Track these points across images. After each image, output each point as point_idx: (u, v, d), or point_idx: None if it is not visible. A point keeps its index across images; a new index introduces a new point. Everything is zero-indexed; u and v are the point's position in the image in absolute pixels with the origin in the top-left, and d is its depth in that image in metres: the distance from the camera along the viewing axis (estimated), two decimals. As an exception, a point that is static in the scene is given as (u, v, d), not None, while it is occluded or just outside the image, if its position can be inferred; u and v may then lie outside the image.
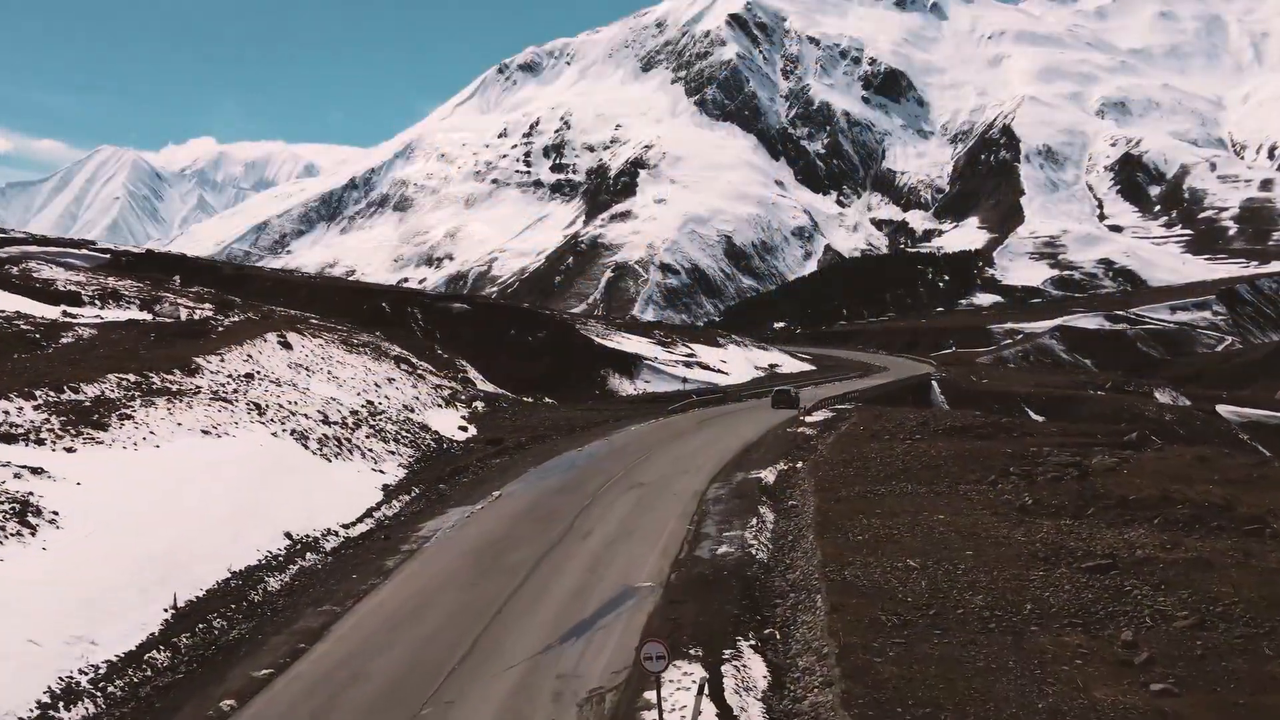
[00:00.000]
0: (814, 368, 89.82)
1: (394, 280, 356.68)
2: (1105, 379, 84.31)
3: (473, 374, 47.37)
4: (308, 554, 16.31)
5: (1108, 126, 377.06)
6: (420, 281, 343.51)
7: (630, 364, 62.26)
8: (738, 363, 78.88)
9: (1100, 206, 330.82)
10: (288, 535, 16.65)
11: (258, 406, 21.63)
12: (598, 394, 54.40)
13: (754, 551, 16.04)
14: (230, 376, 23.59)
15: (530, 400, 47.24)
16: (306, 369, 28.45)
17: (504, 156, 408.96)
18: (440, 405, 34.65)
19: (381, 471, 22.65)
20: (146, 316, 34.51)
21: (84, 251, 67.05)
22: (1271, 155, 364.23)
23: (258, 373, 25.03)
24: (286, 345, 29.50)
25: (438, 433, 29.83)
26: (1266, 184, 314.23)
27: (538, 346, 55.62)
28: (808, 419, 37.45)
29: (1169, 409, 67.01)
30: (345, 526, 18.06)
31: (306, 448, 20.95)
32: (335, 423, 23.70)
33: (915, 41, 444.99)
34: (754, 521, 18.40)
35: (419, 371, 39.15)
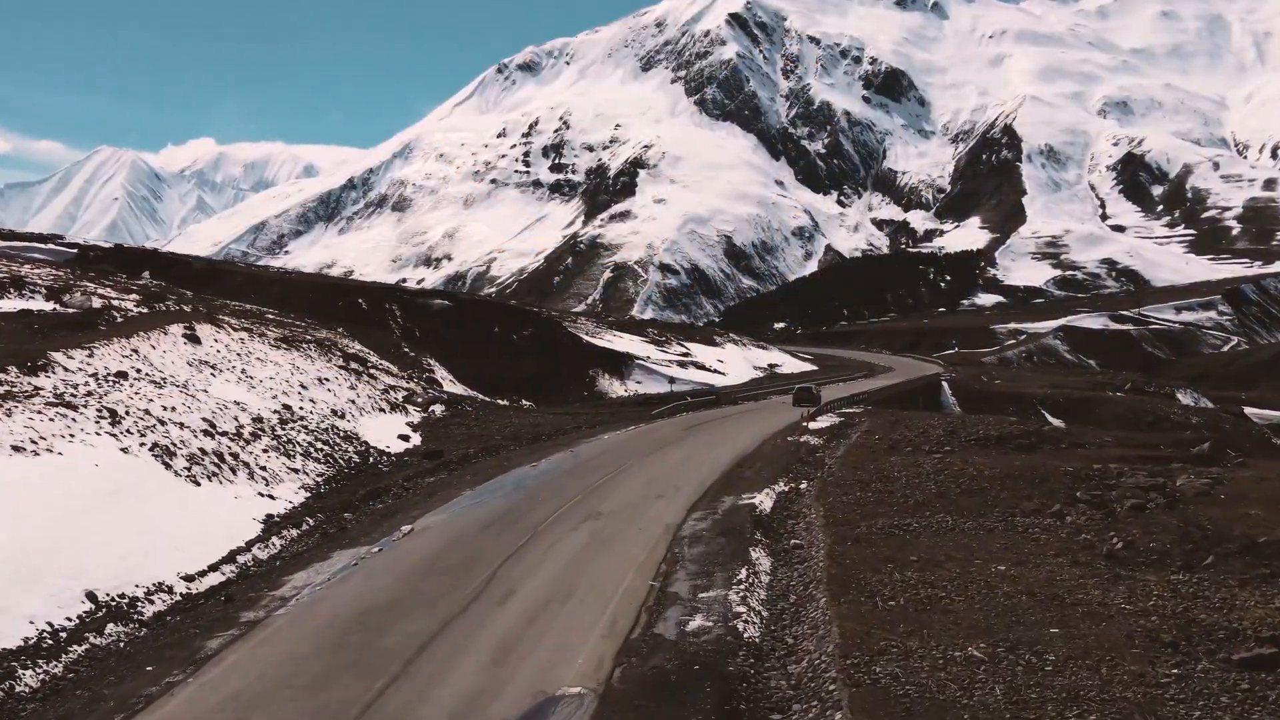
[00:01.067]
0: (816, 368, 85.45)
1: (392, 281, 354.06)
2: (1124, 379, 79.65)
3: (441, 374, 43.45)
4: (111, 625, 10.92)
5: (1110, 126, 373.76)
6: (419, 282, 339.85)
7: (621, 364, 58.82)
8: (735, 363, 75.12)
9: (1103, 206, 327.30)
10: (90, 596, 11.33)
11: (112, 414, 16.85)
12: (586, 395, 50.77)
13: (741, 626, 10.88)
14: (94, 376, 18.83)
15: (505, 403, 42.99)
16: (213, 367, 23.87)
17: (503, 156, 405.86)
18: (384, 410, 30.03)
19: (271, 496, 17.67)
20: (50, 307, 29.96)
21: (50, 246, 63.11)
22: (1275, 155, 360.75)
23: (137, 371, 20.26)
24: (193, 339, 24.72)
25: (367, 443, 25.26)
26: (1270, 184, 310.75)
27: (523, 345, 51.95)
28: (812, 425, 33.05)
29: (1194, 411, 62.73)
30: (188, 579, 12.87)
31: (169, 467, 16.08)
32: (224, 433, 18.71)
33: (916, 41, 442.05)
34: (743, 573, 13.20)
35: (371, 371, 34.49)
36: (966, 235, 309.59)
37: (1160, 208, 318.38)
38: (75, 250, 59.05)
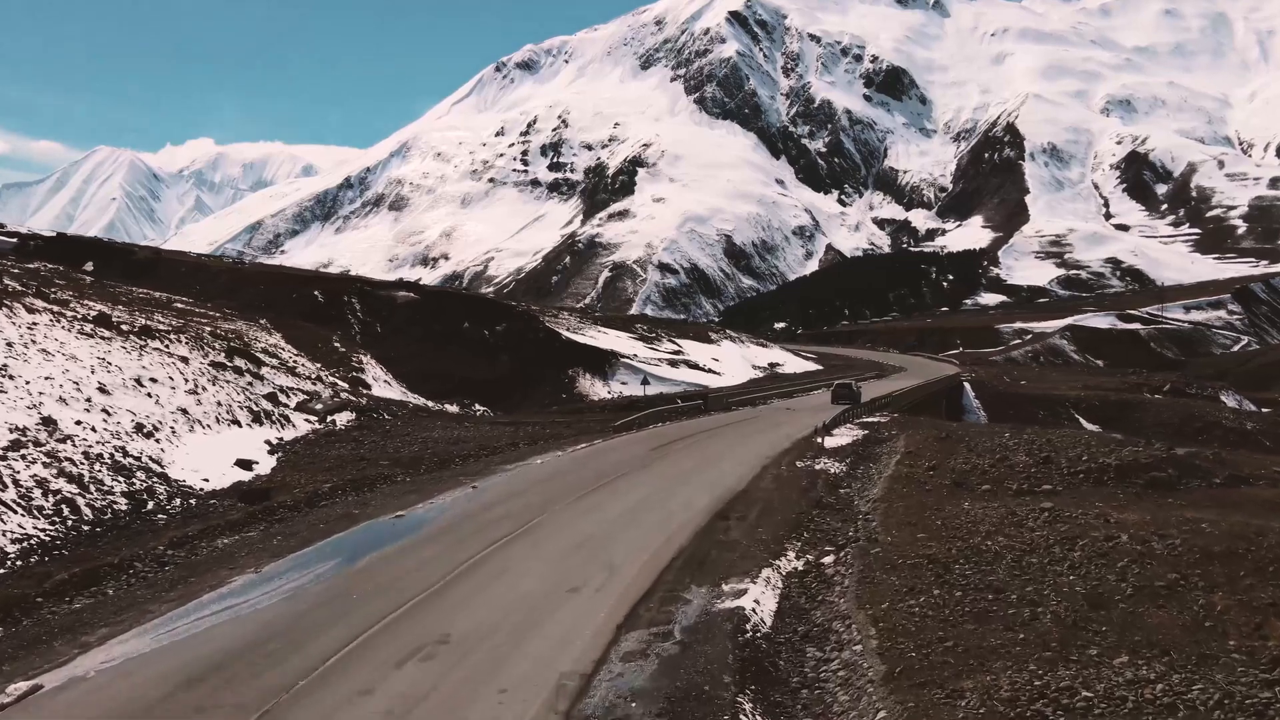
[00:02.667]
0: (820, 367, 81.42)
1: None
2: (1162, 380, 73.18)
3: (376, 374, 39.12)
4: None
5: (1113, 124, 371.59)
6: (416, 281, 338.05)
7: (604, 362, 54.69)
8: (732, 361, 70.71)
9: (1106, 205, 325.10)
10: None
11: None
12: (565, 397, 46.66)
13: None
14: None
15: (453, 409, 38.41)
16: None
17: (501, 155, 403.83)
18: (239, 423, 23.90)
19: None
20: None
21: (-14, 235, 60.98)
22: (1279, 154, 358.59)
23: None
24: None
25: (167, 476, 18.27)
26: (1275, 182, 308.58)
27: (496, 342, 48.27)
28: (828, 442, 25.64)
29: (1246, 416, 57.11)
30: None
31: None
32: None
33: (917, 39, 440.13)
34: None
35: (261, 371, 29.43)
36: (969, 234, 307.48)
37: (1164, 206, 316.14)
38: (15, 240, 56.94)
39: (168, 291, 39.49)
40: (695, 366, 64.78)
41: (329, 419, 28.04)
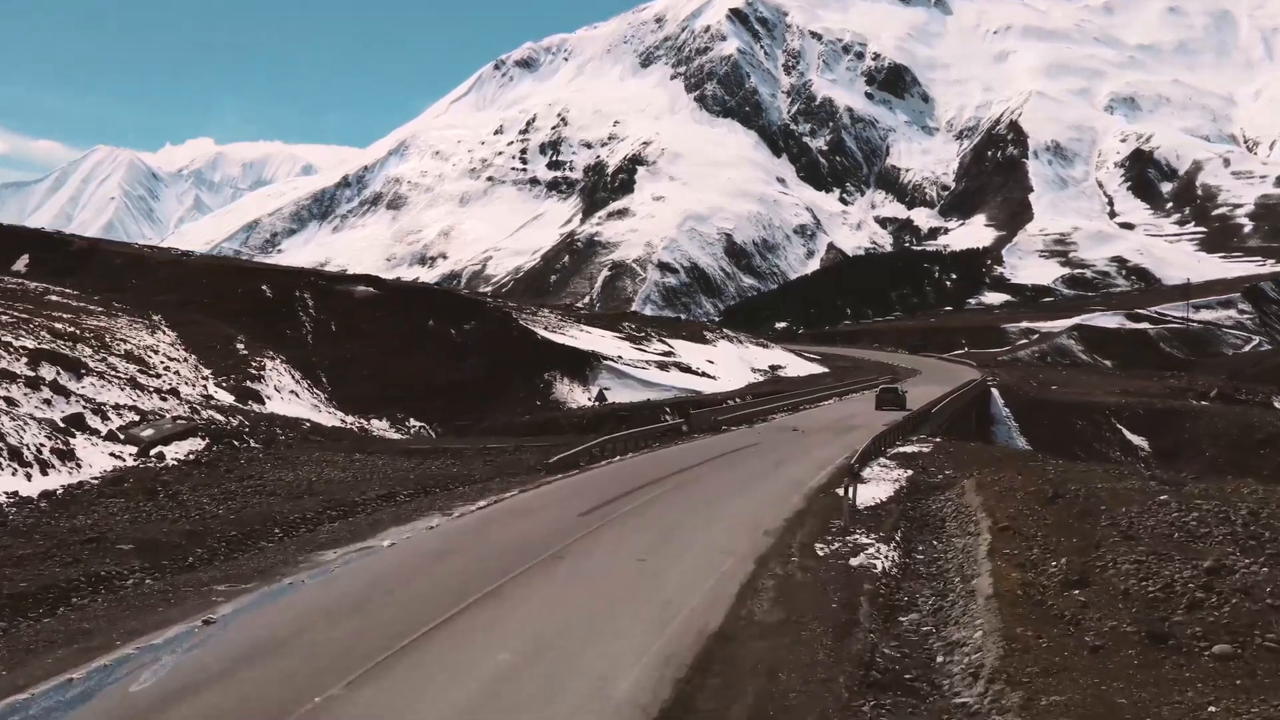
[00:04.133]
0: (825, 370, 76.39)
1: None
2: (1208, 384, 66.67)
3: (281, 382, 33.31)
4: None
5: (1117, 122, 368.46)
6: (413, 281, 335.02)
7: (584, 365, 50.32)
8: (729, 364, 65.47)
9: (1111, 204, 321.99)
10: None
11: None
12: (539, 405, 42.28)
13: None
14: None
15: (379, 427, 32.94)
16: None
17: (500, 154, 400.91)
18: None
19: None
20: None
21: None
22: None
23: None
24: None
25: None
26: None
27: (464, 342, 44.23)
28: (861, 495, 17.65)
29: None
30: None
31: None
32: None
33: (919, 36, 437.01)
34: None
35: (71, 383, 23.70)
36: (972, 233, 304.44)
37: (1170, 205, 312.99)
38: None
39: (101, 287, 36.15)
40: (687, 370, 59.78)
41: (156, 450, 21.48)
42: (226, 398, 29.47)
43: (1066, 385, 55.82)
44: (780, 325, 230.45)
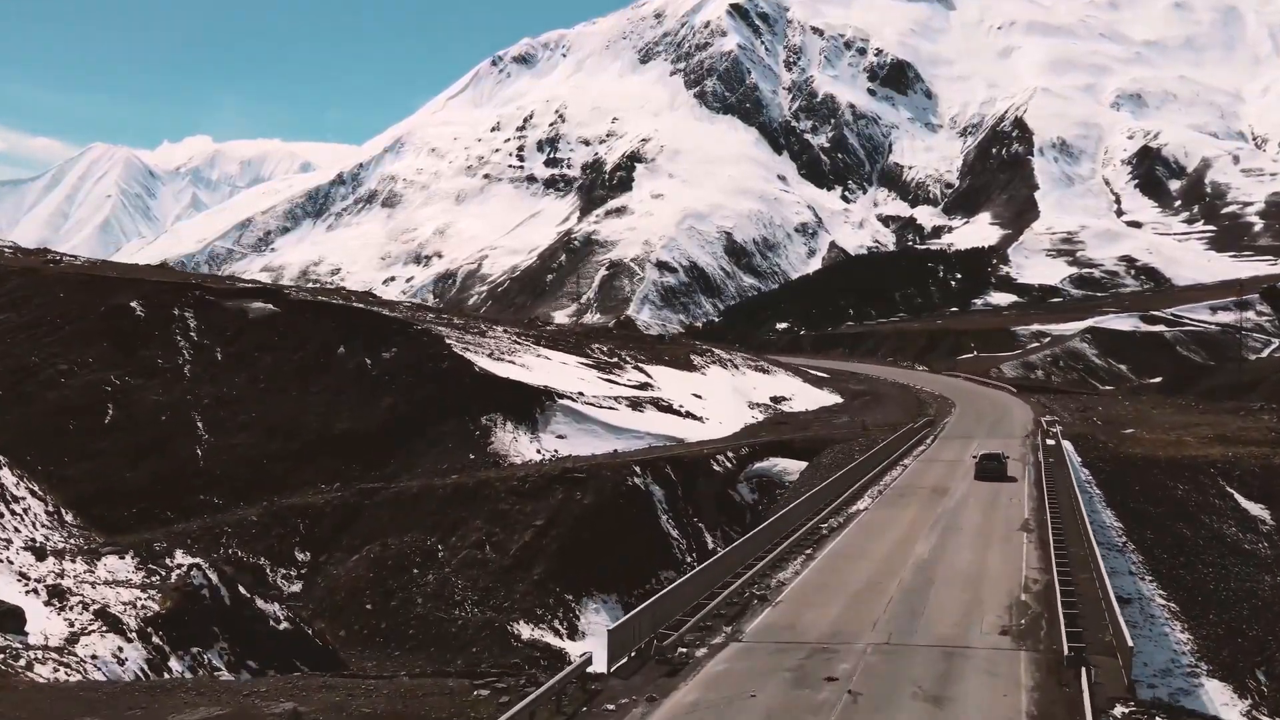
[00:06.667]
0: (839, 399, 64.34)
1: (380, 280, 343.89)
2: None
3: None
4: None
5: (1124, 119, 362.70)
6: (408, 280, 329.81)
7: (534, 405, 39.66)
8: (721, 398, 53.63)
9: (1118, 202, 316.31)
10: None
11: None
12: (472, 459, 33.37)
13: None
14: None
15: (110, 558, 19.96)
16: None
17: (496, 151, 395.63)
18: None
19: None
20: None
21: None
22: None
23: None
24: None
25: None
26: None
27: (382, 375, 35.76)
28: None
29: None
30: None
31: None
32: None
33: (922, 32, 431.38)
34: None
35: None
36: (976, 231, 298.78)
37: (1178, 203, 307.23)
38: None
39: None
40: (668, 409, 48.05)
41: None
42: None
43: (1140, 424, 46.46)
44: (781, 326, 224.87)
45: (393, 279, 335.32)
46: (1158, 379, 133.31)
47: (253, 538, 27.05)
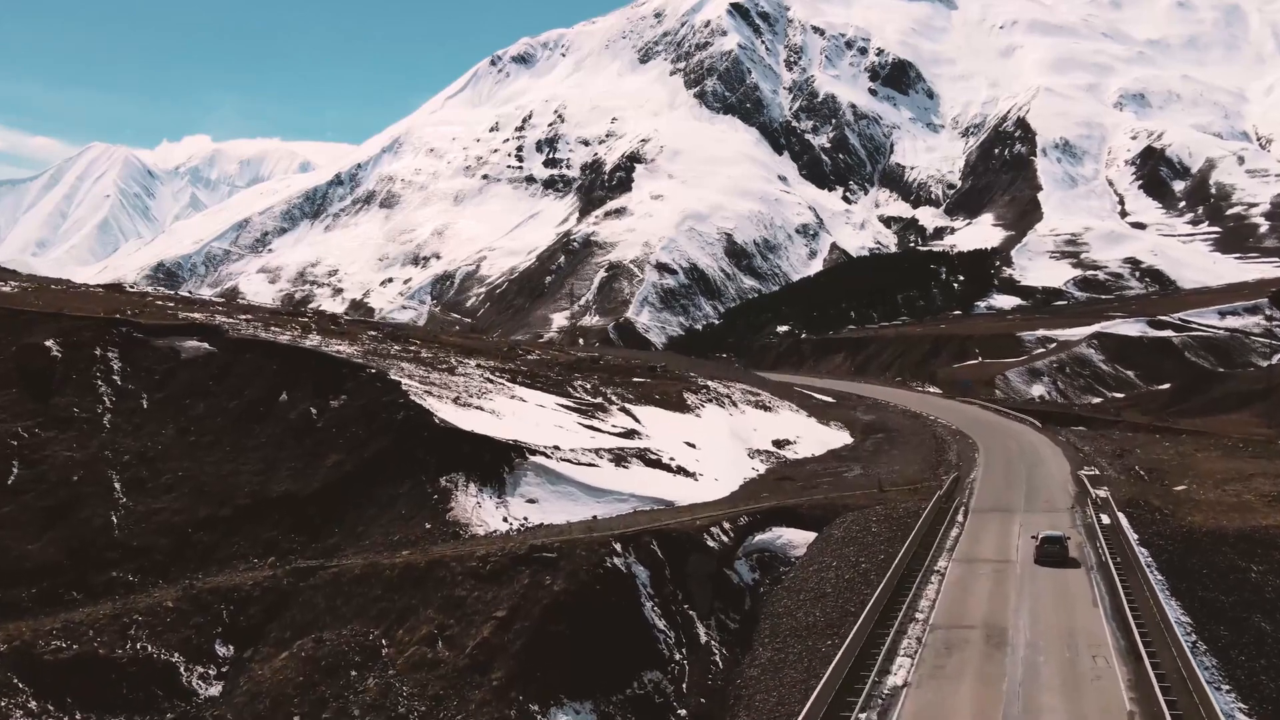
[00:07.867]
0: (848, 437, 59.15)
1: (378, 281, 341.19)
2: None
3: None
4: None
5: (1127, 119, 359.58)
6: (405, 282, 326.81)
7: (503, 463, 34.91)
8: (717, 446, 47.54)
9: (1122, 202, 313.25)
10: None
11: None
12: (428, 528, 28.75)
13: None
14: None
15: None
16: None
17: (495, 151, 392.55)
18: None
19: None
20: None
21: None
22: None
23: None
24: None
25: None
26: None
27: (331, 425, 31.88)
28: None
29: None
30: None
31: None
32: None
33: (923, 31, 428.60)
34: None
35: None
36: (979, 233, 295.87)
37: (1183, 204, 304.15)
38: None
39: None
40: (656, 462, 42.41)
41: None
42: None
43: (1188, 476, 41.48)
44: (782, 329, 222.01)
45: (390, 280, 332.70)
46: (1166, 385, 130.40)
47: (167, 627, 23.87)
